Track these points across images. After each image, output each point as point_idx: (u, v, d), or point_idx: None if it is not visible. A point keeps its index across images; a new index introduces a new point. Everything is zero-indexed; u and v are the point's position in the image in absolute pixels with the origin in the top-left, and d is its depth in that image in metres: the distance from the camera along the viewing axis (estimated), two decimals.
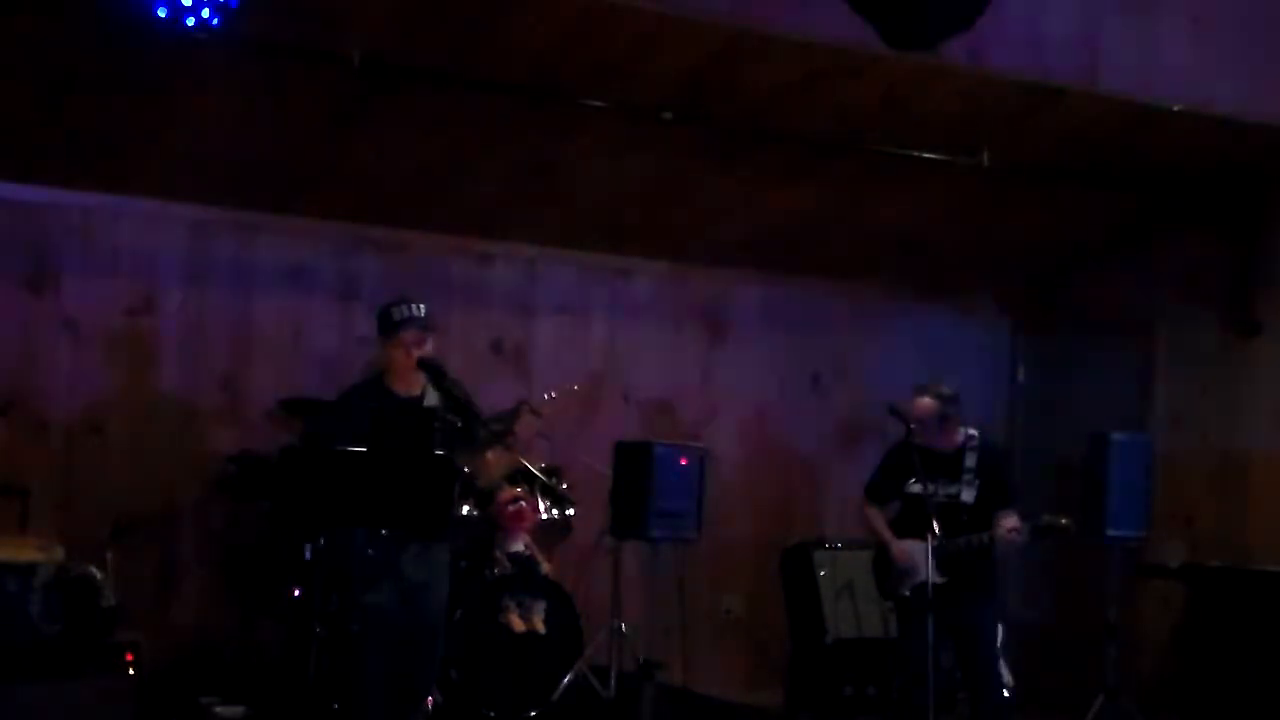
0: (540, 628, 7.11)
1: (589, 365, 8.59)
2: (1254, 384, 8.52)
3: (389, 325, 6.04)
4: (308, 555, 6.80)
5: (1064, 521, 6.69)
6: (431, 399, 6.02)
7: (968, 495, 6.68)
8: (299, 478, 5.53)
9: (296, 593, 6.89)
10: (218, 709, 6.84)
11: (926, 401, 6.76)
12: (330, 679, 6.33)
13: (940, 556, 6.50)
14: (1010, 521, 6.56)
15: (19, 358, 7.30)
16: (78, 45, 6.30)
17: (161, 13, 5.68)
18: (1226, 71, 7.43)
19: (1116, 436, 7.79)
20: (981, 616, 6.74)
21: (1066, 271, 9.62)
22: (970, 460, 6.72)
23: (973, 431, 6.83)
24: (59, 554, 6.33)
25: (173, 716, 6.81)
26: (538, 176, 7.83)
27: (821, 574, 8.41)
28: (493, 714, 6.91)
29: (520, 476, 7.34)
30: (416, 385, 6.03)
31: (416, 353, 5.98)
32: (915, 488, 6.60)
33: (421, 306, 6.06)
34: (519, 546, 7.28)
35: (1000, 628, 7.27)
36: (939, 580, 6.53)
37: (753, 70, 7.03)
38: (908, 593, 6.55)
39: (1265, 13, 7.50)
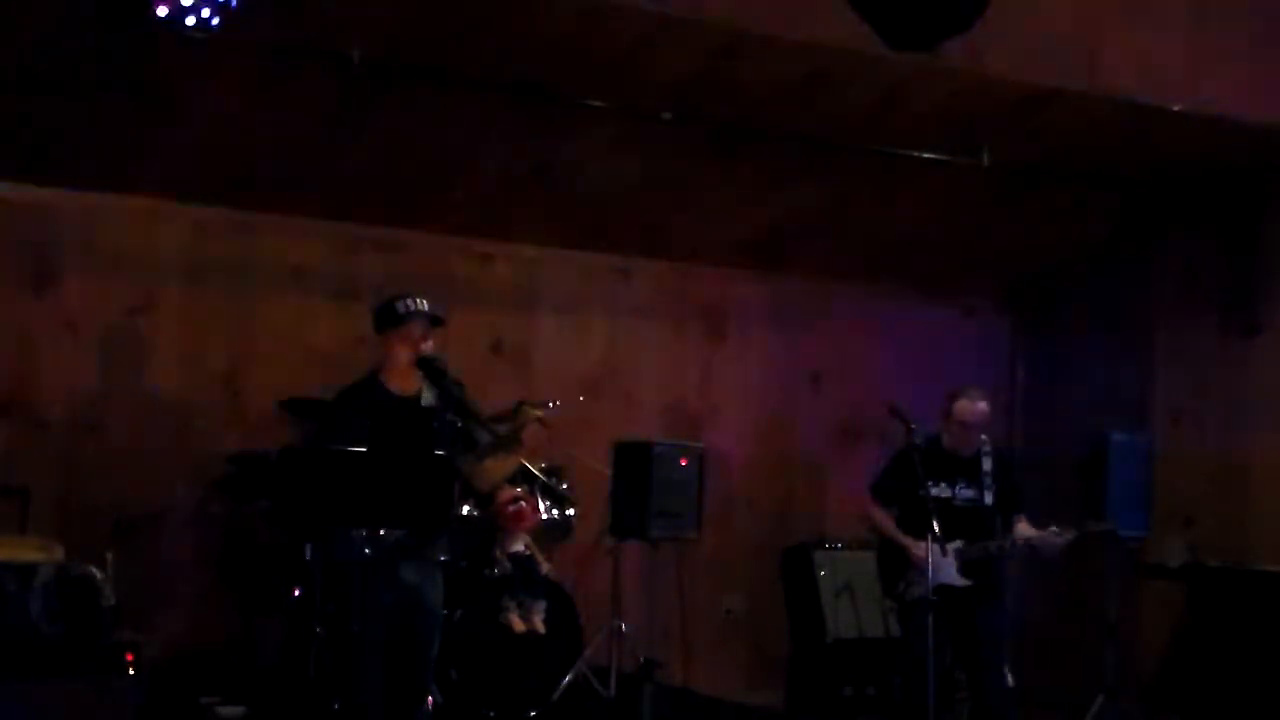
0: (540, 628, 7.11)
1: (589, 365, 8.59)
2: (1254, 384, 8.52)
3: (394, 318, 5.91)
4: (308, 555, 6.80)
5: (1110, 528, 6.89)
6: (428, 398, 5.98)
7: (989, 499, 6.69)
8: (299, 478, 5.52)
9: (296, 593, 6.90)
10: (218, 709, 6.84)
11: (984, 407, 6.74)
12: (330, 679, 6.34)
13: (965, 560, 6.51)
14: (1048, 528, 6.63)
15: (19, 358, 7.30)
16: (78, 45, 6.30)
17: (162, 12, 5.67)
18: (1226, 72, 7.43)
19: (1116, 436, 7.80)
20: (990, 618, 6.74)
21: (1066, 271, 9.62)
22: (987, 464, 6.73)
23: (984, 435, 6.84)
24: (59, 554, 6.31)
25: (173, 716, 6.81)
26: (538, 176, 7.83)
27: (821, 574, 8.41)
28: (493, 714, 6.91)
29: (520, 477, 7.33)
30: (413, 384, 5.95)
31: (419, 349, 5.92)
32: (937, 491, 6.58)
33: (425, 301, 5.98)
34: (519, 547, 7.28)
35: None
36: (964, 584, 6.53)
37: (753, 70, 7.03)
38: (932, 595, 6.37)
39: (1264, 13, 7.50)
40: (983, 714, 6.73)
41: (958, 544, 6.55)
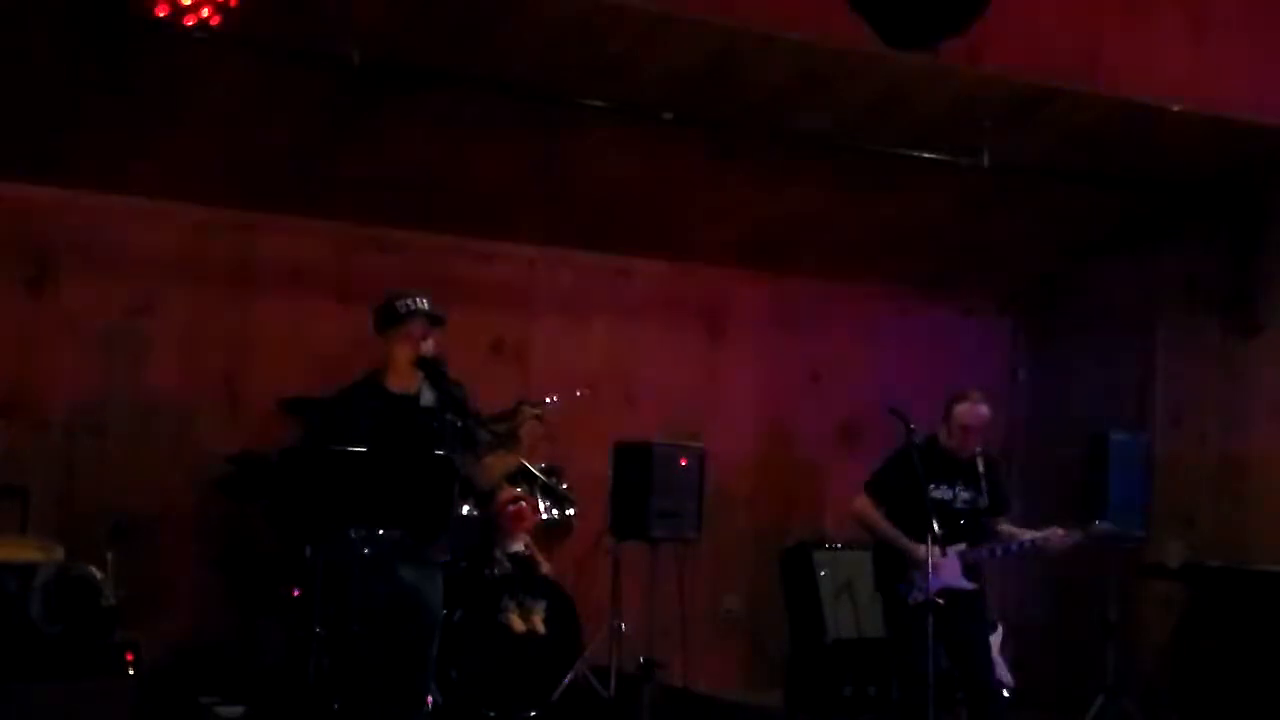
0: (540, 628, 7.11)
1: (589, 365, 8.59)
2: (1254, 384, 8.52)
3: (394, 318, 5.88)
4: (308, 555, 6.79)
5: (1113, 531, 7.05)
6: (427, 398, 5.97)
7: (984, 502, 6.68)
8: (299, 478, 5.53)
9: (296, 593, 6.89)
10: (218, 709, 6.85)
11: (986, 411, 6.71)
12: (330, 679, 6.33)
13: (966, 563, 6.51)
14: (1052, 529, 6.67)
15: (19, 358, 7.30)
16: (78, 45, 6.30)
17: (162, 12, 5.68)
18: (1226, 72, 7.44)
19: (1116, 436, 7.80)
20: (980, 618, 6.73)
21: (1066, 271, 9.62)
22: (981, 467, 6.72)
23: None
24: (59, 554, 6.32)
25: (173, 716, 6.81)
26: (538, 176, 7.84)
27: (821, 574, 8.41)
28: (493, 714, 6.91)
29: (520, 476, 7.34)
30: (413, 383, 5.94)
31: (419, 349, 5.91)
32: (938, 493, 6.56)
33: (425, 300, 5.95)
34: (519, 546, 7.29)
35: (1000, 628, 7.27)
36: (971, 588, 6.52)
37: (753, 70, 7.04)
38: (937, 599, 6.31)
39: (1265, 13, 7.50)
40: (980, 715, 6.72)
41: (960, 547, 6.54)
